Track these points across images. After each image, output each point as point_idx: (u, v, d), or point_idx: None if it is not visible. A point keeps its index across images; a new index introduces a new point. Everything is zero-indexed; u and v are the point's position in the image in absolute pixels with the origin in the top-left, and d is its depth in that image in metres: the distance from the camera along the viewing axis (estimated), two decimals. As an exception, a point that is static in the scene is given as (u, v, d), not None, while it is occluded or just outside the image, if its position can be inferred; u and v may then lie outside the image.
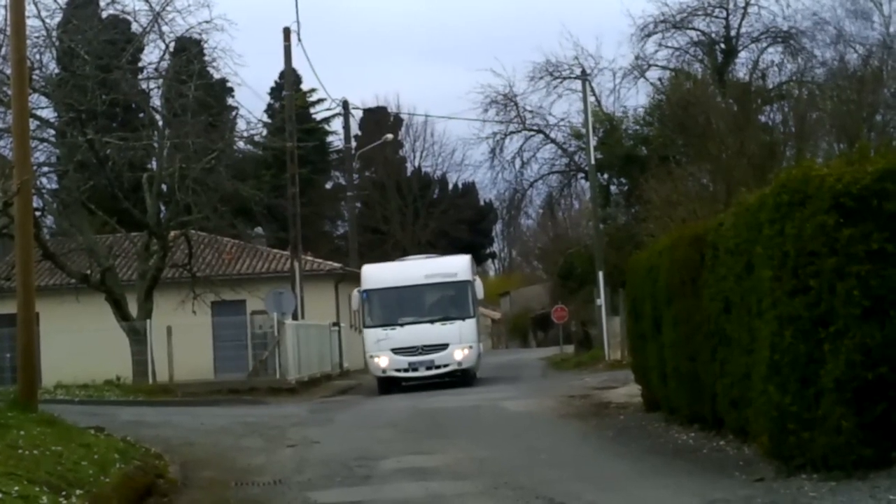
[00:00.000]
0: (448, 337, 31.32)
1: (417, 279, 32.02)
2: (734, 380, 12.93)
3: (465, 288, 32.06)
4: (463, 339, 31.49)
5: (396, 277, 32.28)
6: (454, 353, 31.25)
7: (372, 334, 31.74)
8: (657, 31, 45.83)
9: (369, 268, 34.24)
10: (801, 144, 33.05)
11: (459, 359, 31.32)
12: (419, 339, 31.11)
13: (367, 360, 32.27)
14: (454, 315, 31.74)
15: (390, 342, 31.18)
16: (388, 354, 31.19)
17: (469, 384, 30.90)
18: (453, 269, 32.75)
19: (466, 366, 31.64)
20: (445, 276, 32.21)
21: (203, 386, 32.24)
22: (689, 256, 14.97)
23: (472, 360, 31.91)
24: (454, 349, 31.26)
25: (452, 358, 31.28)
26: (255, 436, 19.07)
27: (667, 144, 39.67)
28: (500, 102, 49.90)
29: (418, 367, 31.29)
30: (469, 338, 31.75)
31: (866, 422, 10.25)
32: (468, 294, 32.05)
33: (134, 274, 36.37)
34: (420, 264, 33.83)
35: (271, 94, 65.09)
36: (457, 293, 32.10)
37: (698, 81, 41.90)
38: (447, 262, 34.04)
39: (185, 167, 32.75)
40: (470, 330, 31.83)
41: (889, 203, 10.38)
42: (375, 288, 32.05)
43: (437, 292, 32.51)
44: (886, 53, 38.79)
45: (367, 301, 31.96)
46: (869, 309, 10.28)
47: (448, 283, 32.15)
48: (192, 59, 33.96)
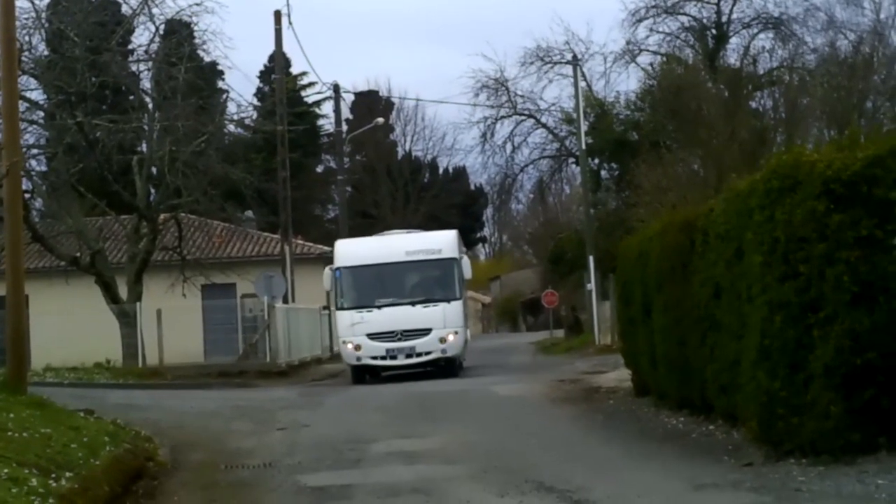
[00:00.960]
0: (431, 321, 28.20)
1: (397, 256, 28.92)
2: (724, 365, 12.96)
3: (451, 266, 29.01)
4: (448, 324, 28.36)
5: (374, 254, 29.23)
6: (438, 340, 28.20)
7: (345, 317, 28.64)
8: (648, 17, 45.85)
9: (343, 243, 31.29)
10: (792, 130, 33.10)
11: (444, 346, 28.29)
12: (398, 324, 28.03)
13: (340, 346, 29.57)
14: (438, 296, 28.70)
15: (366, 326, 28.09)
16: (364, 340, 28.11)
17: (454, 374, 28.31)
18: (438, 244, 29.54)
19: (451, 353, 28.54)
20: (429, 252, 29.05)
21: (193, 369, 32.20)
22: (680, 242, 14.98)
23: (458, 348, 28.86)
24: (438, 335, 28.21)
25: (436, 345, 28.20)
26: (245, 419, 19.08)
27: (658, 130, 39.71)
28: (491, 87, 49.96)
29: (397, 355, 28.14)
30: (455, 322, 28.60)
31: (854, 407, 10.30)
32: (454, 273, 28.99)
33: (124, 257, 36.29)
34: (401, 239, 30.70)
35: (261, 78, 64.89)
36: (441, 272, 29.12)
37: (689, 67, 41.95)
38: (431, 238, 30.87)
39: (175, 150, 32.65)
40: (456, 313, 28.71)
41: (879, 189, 10.41)
42: (350, 265, 28.93)
43: (420, 271, 29.59)
44: (877, 40, 38.81)
45: (340, 280, 28.91)
46: (858, 295, 10.32)
47: (432, 260, 29.08)
48: (182, 42, 33.84)
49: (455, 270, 28.98)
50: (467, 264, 29.40)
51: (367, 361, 28.36)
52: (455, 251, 29.22)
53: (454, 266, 29.00)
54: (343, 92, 47.99)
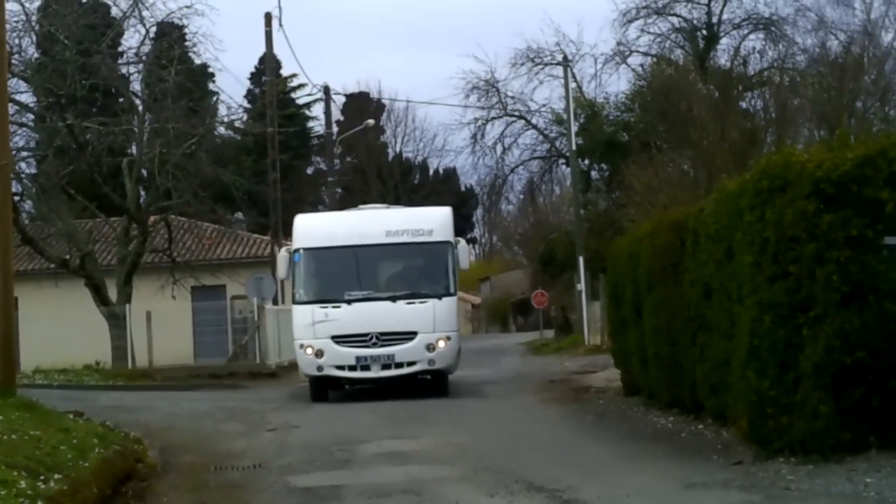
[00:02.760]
0: (417, 322, 21.83)
1: (375, 236, 22.51)
2: (714, 365, 12.99)
3: (444, 252, 22.53)
4: (438, 327, 21.88)
5: (344, 233, 22.81)
6: (424, 347, 21.77)
7: (304, 313, 22.19)
8: (639, 17, 45.87)
9: (305, 218, 24.37)
10: (782, 131, 33.12)
11: (432, 355, 21.79)
12: (374, 324, 21.70)
13: (296, 351, 22.86)
14: (427, 290, 22.28)
15: (331, 326, 21.72)
16: (327, 344, 21.70)
17: (443, 391, 22.18)
18: (428, 224, 22.90)
19: (441, 365, 22.02)
20: (416, 233, 22.60)
21: (183, 371, 32.16)
22: (670, 242, 15.02)
23: (450, 358, 22.26)
24: (425, 340, 21.74)
25: (422, 353, 21.76)
26: (235, 420, 19.05)
27: (648, 130, 39.72)
28: (481, 88, 49.91)
29: (370, 365, 21.72)
30: (446, 324, 22.10)
31: (844, 406, 10.32)
32: (447, 261, 22.54)
33: (113, 259, 36.24)
34: (380, 216, 23.98)
35: (251, 80, 64.90)
36: (432, 259, 22.72)
37: (680, 68, 41.96)
38: (419, 215, 24.11)
39: (166, 152, 32.60)
40: (448, 313, 22.20)
41: (869, 189, 10.44)
42: (312, 247, 22.56)
43: (404, 257, 23.20)
44: (867, 40, 38.87)
45: (299, 265, 22.52)
46: (848, 294, 10.35)
47: (420, 244, 22.58)
48: (172, 44, 33.78)
49: (449, 258, 22.54)
50: (465, 251, 23.08)
51: (330, 372, 21.96)
52: (449, 233, 22.86)
53: (448, 252, 22.56)
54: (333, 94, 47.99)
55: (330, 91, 47.15)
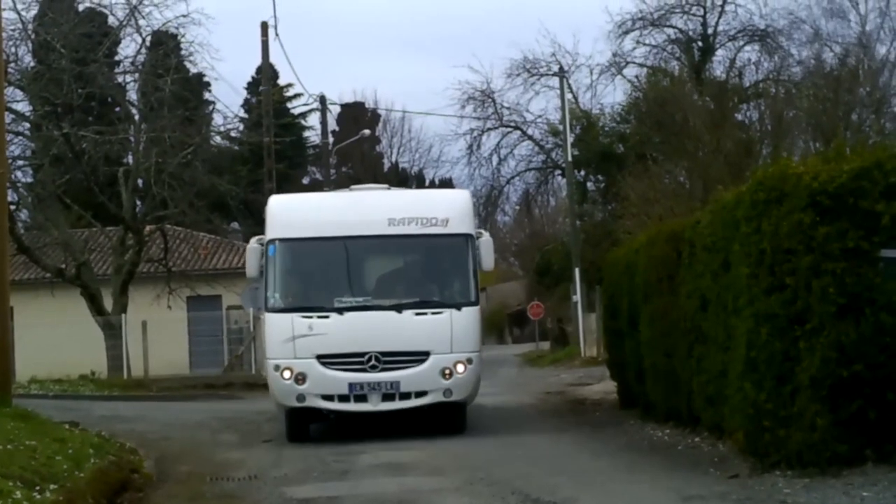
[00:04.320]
0: (429, 339, 16.80)
1: (374, 226, 17.38)
2: (710, 377, 12.99)
3: (463, 248, 17.36)
4: (457, 346, 16.86)
5: (334, 220, 17.59)
6: (439, 372, 16.70)
7: (280, 325, 17.06)
8: (635, 29, 45.91)
9: (282, 201, 19.07)
10: (778, 142, 33.17)
11: (448, 383, 16.71)
12: (372, 341, 16.69)
13: (268, 373, 17.48)
14: (442, 298, 17.40)
15: (316, 342, 16.70)
16: (311, 366, 16.65)
17: (460, 428, 17.24)
18: (442, 210, 17.61)
19: (459, 396, 16.95)
20: (427, 222, 17.38)
21: (178, 381, 32.11)
22: (666, 254, 15.03)
23: (469, 386, 17.15)
24: (439, 363, 16.71)
25: (435, 380, 16.71)
26: (231, 431, 19.03)
27: (644, 142, 39.75)
28: (477, 99, 49.92)
29: (368, 395, 16.68)
30: (467, 343, 17.02)
31: (841, 419, 10.32)
32: (467, 259, 17.37)
33: (109, 268, 36.19)
34: (380, 200, 18.42)
35: (248, 89, 64.84)
36: (447, 257, 17.73)
37: (675, 79, 42.03)
38: (430, 200, 19.01)
39: (162, 161, 32.62)
40: (468, 328, 17.12)
41: (865, 201, 10.44)
42: (292, 237, 17.51)
43: (412, 253, 18.25)
44: (863, 52, 38.97)
45: (273, 262, 17.45)
46: (844, 307, 10.35)
47: (432, 236, 17.44)
48: (168, 53, 33.84)
49: (469, 255, 17.36)
50: (488, 246, 17.66)
51: (314, 403, 16.72)
52: (469, 223, 17.73)
53: (467, 248, 17.38)
54: (329, 103, 47.99)
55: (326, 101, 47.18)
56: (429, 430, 16.93)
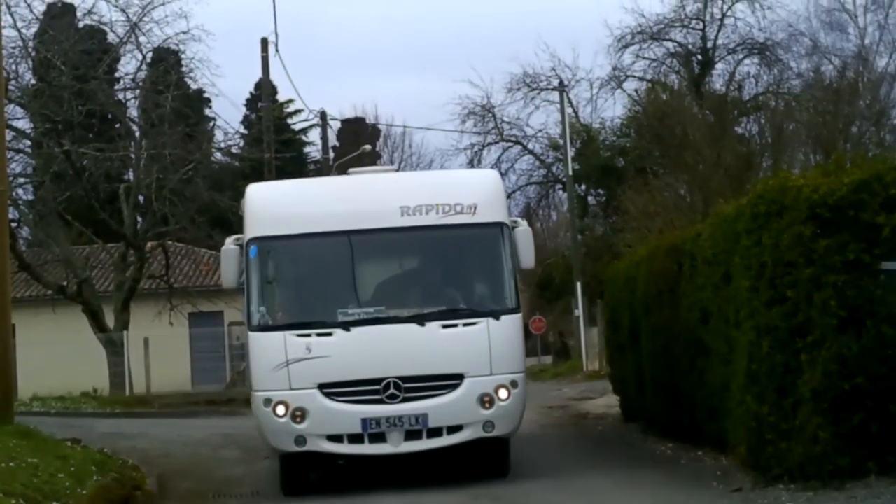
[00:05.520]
0: (462, 358, 13.33)
1: (383, 216, 13.84)
2: (712, 390, 12.98)
3: (497, 241, 13.88)
4: (498, 365, 13.38)
5: (333, 211, 13.99)
6: (477, 400, 13.26)
7: (269, 347, 13.46)
8: (634, 43, 46.01)
9: (264, 191, 15.71)
10: (778, 155, 33.23)
11: (489, 413, 13.28)
12: (390, 363, 13.25)
13: (256, 409, 13.61)
14: (475, 304, 13.88)
15: (317, 368, 13.20)
16: (312, 398, 13.16)
17: (502, 470, 13.85)
18: (468, 194, 14.03)
19: (503, 430, 13.45)
20: (451, 210, 13.79)
21: (180, 397, 32.08)
22: (667, 267, 15.03)
23: (515, 417, 13.67)
24: (476, 388, 13.26)
25: (472, 410, 13.26)
26: (233, 447, 18.99)
27: (644, 155, 39.83)
28: (477, 114, 49.97)
29: (387, 433, 13.16)
30: (510, 360, 13.54)
31: (843, 432, 10.30)
32: (503, 255, 13.91)
33: (111, 285, 36.20)
34: (389, 184, 14.91)
35: (248, 105, 64.92)
36: (478, 252, 14.26)
37: (675, 92, 42.10)
38: (452, 182, 15.12)
39: (163, 178, 32.64)
40: (511, 341, 13.72)
41: (865, 213, 10.44)
42: (278, 235, 13.90)
43: (433, 249, 14.32)
44: (862, 65, 39.05)
45: (255, 266, 13.80)
46: (845, 319, 10.34)
47: (458, 227, 13.84)
48: (169, 70, 33.88)
49: (504, 249, 13.88)
50: (527, 238, 14.14)
51: (318, 446, 13.20)
52: (502, 210, 14.34)
53: (502, 240, 13.88)
54: (330, 119, 48.09)
55: (326, 116, 47.30)
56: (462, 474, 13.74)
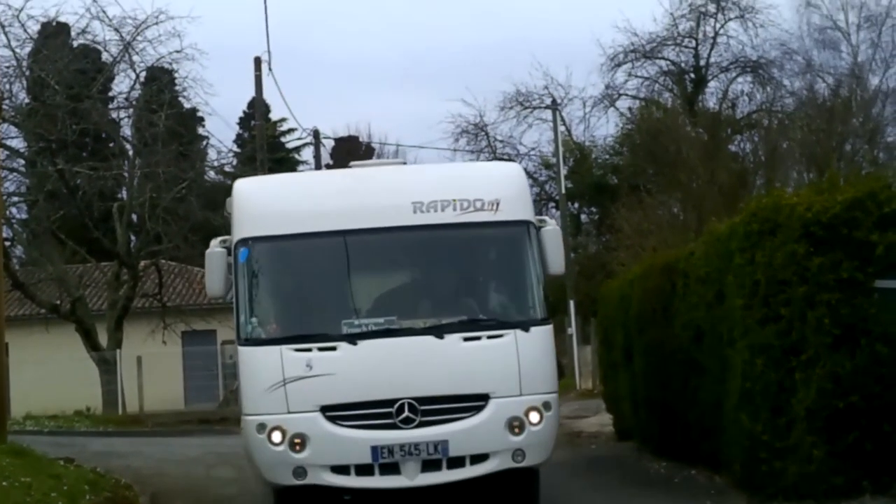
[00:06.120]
0: (487, 375, 11.44)
1: (393, 214, 11.97)
2: (705, 408, 12.97)
3: (523, 242, 12.09)
4: (528, 383, 11.50)
5: (333, 208, 12.16)
6: (506, 425, 11.36)
7: (263, 364, 11.65)
8: (627, 61, 46.16)
9: (255, 186, 14.00)
10: (771, 173, 33.32)
11: (518, 439, 11.39)
12: (403, 381, 11.33)
13: (248, 435, 11.67)
14: (500, 314, 12.01)
15: (319, 388, 11.28)
16: (313, 423, 11.24)
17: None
18: (489, 190, 12.13)
19: (534, 459, 11.61)
20: (470, 206, 11.98)
21: (173, 416, 32.04)
22: (661, 285, 15.03)
23: (548, 444, 11.85)
24: (505, 411, 11.38)
25: (500, 437, 11.38)
26: (227, 466, 18.91)
27: (637, 173, 39.90)
28: (470, 132, 50.03)
29: (401, 463, 11.29)
30: (542, 378, 11.73)
31: (837, 450, 10.29)
32: (530, 258, 12.08)
33: (104, 304, 36.18)
34: (399, 177, 13.20)
35: (241, 124, 64.99)
36: (503, 255, 12.66)
37: (668, 111, 42.19)
38: (470, 176, 13.16)
39: (156, 196, 32.68)
40: (543, 356, 11.85)
41: (859, 232, 10.46)
42: (272, 235, 12.20)
43: (451, 250, 12.45)
44: (855, 83, 39.17)
45: (245, 272, 12.35)
46: (839, 337, 10.34)
47: (479, 226, 12.01)
48: (162, 89, 33.95)
49: (531, 252, 12.05)
50: (557, 240, 12.29)
51: (322, 478, 11.33)
52: (528, 207, 12.44)
53: (528, 241, 12.07)
54: (323, 137, 47.99)
55: (319, 135, 47.24)
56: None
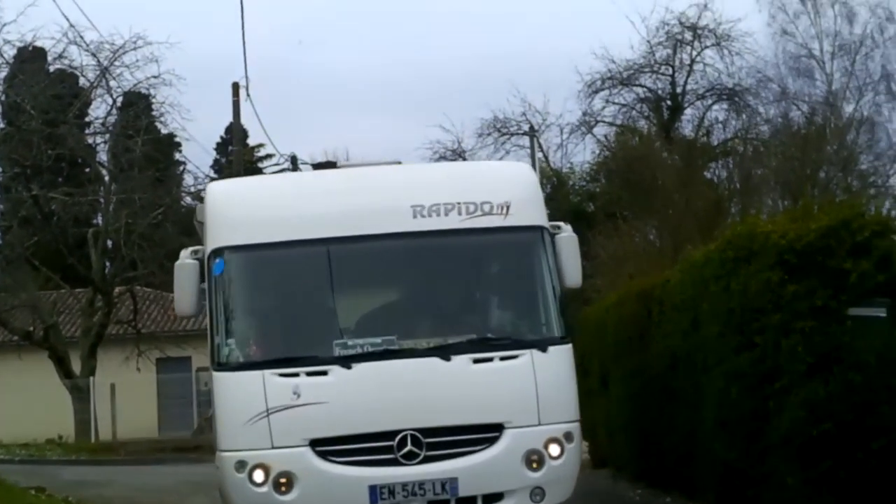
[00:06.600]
0: (502, 402, 10.07)
1: (390, 218, 10.37)
2: (681, 436, 12.94)
3: (537, 250, 10.68)
4: (548, 411, 10.20)
5: (321, 212, 10.47)
6: (523, 459, 9.97)
7: (242, 390, 10.20)
8: (604, 88, 46.26)
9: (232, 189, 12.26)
10: (746, 201, 33.43)
11: (538, 475, 10.02)
12: (406, 410, 9.82)
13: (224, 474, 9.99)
14: (514, 331, 10.73)
15: (308, 419, 9.73)
16: (301, 459, 9.68)
17: None
18: (497, 192, 10.59)
19: (554, 499, 10.20)
20: (476, 210, 10.43)
21: (147, 444, 31.83)
22: (637, 312, 15.03)
23: (570, 481, 10.48)
24: (522, 444, 9.99)
25: (517, 473, 9.96)
26: (201, 495, 18.78)
27: (614, 200, 39.96)
28: (449, 158, 49.95)
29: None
30: (563, 405, 10.55)
31: (811, 478, 10.26)
32: (545, 269, 10.68)
33: (78, 330, 35.97)
34: (397, 177, 11.32)
35: (218, 149, 64.92)
36: (515, 265, 11.09)
37: (645, 137, 42.34)
38: (476, 176, 11.56)
39: (132, 222, 32.57)
40: (563, 380, 10.66)
41: (832, 260, 10.45)
42: (252, 244, 10.53)
43: (456, 260, 10.87)
44: (829, 111, 39.41)
45: (221, 285, 11.01)
46: (813, 365, 10.32)
47: (487, 231, 10.48)
48: (139, 114, 33.89)
49: (546, 261, 10.75)
50: (573, 248, 11.04)
51: None
52: (541, 211, 11.06)
53: (543, 249, 10.76)
54: (301, 163, 47.92)
55: (297, 160, 47.22)
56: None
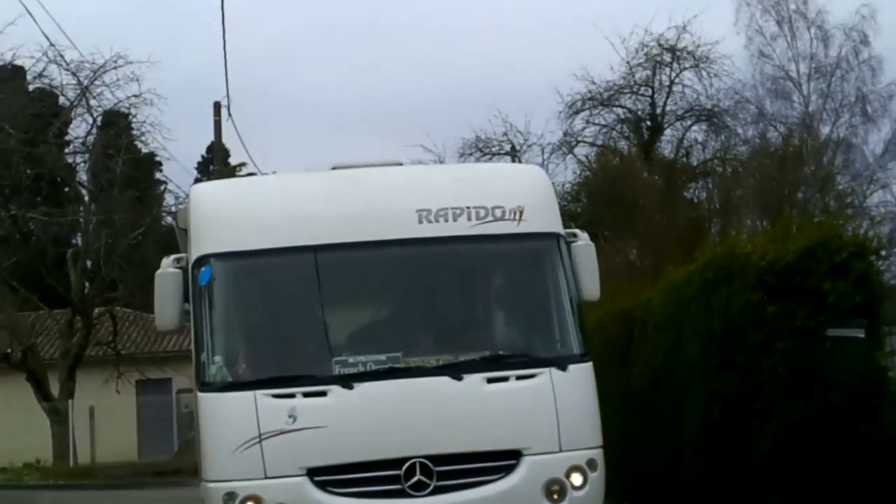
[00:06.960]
0: (519, 426, 9.07)
1: (393, 224, 9.36)
2: (663, 455, 12.94)
3: (553, 259, 9.69)
4: (569, 437, 9.21)
5: (318, 216, 9.43)
6: (543, 490, 9.00)
7: (230, 413, 8.87)
8: (585, 109, 46.37)
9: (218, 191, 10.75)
10: (726, 221, 33.55)
11: None
12: (413, 436, 8.79)
13: None
14: (530, 348, 9.66)
15: (305, 445, 8.66)
16: (297, 491, 8.63)
17: None
18: (509, 196, 9.69)
19: None
20: (487, 215, 9.49)
21: (127, 468, 31.60)
22: (618, 332, 15.05)
23: None
24: (543, 472, 9.02)
25: None
26: (180, 518, 18.69)
27: (595, 220, 39.99)
28: (429, 178, 50.05)
29: None
30: (585, 429, 9.61)
31: (793, 498, 10.28)
32: (562, 279, 9.64)
33: (56, 352, 35.69)
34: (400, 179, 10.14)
35: (199, 169, 64.76)
36: (529, 275, 9.94)
37: (625, 158, 42.46)
38: (486, 179, 10.36)
39: (112, 242, 32.40)
40: (585, 402, 9.72)
41: (811, 281, 10.49)
42: (242, 252, 9.35)
43: (465, 270, 9.99)
44: (806, 132, 39.64)
45: (210, 297, 9.56)
46: (794, 385, 10.36)
47: (499, 239, 9.54)
48: (119, 134, 33.74)
49: (562, 272, 9.71)
50: (590, 258, 9.97)
51: None
52: (556, 217, 10.28)
53: (559, 258, 9.74)
54: (281, 184, 48.03)
55: (278, 181, 47.24)
56: None
